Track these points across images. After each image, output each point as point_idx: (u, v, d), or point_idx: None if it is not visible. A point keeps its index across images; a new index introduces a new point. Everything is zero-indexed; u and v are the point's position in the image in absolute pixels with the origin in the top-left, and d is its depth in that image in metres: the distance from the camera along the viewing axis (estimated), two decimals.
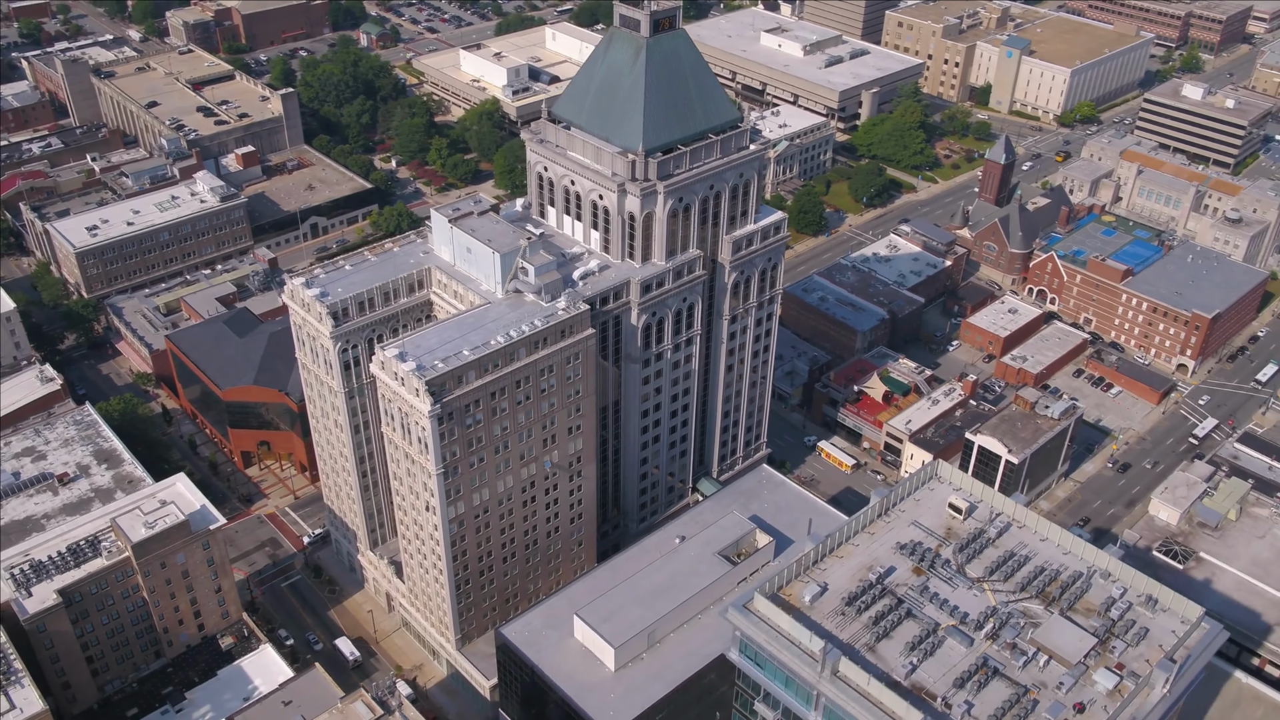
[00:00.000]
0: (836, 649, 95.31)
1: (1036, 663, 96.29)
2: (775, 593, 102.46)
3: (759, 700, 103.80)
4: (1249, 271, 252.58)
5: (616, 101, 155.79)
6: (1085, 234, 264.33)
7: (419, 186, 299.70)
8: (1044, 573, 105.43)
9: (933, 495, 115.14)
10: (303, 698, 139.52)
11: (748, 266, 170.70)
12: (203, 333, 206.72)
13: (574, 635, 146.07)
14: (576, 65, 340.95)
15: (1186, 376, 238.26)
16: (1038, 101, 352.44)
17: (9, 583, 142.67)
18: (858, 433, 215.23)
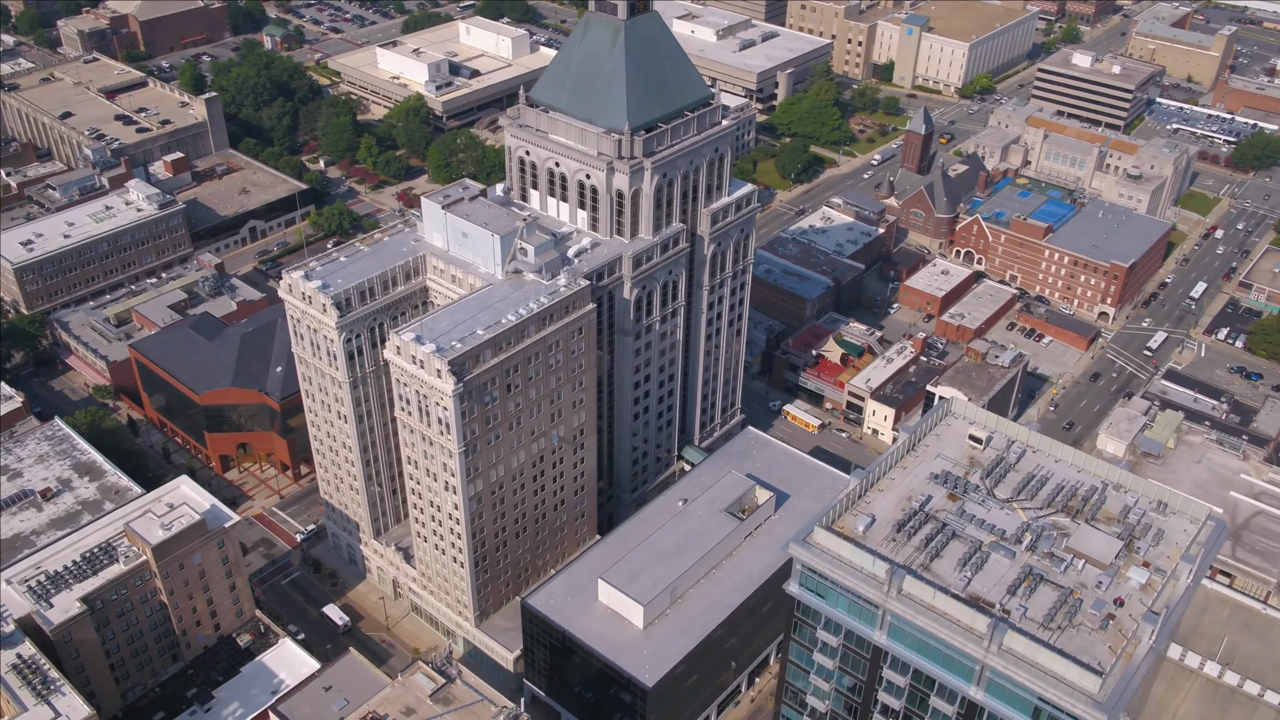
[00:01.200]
0: (901, 569, 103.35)
1: (1074, 567, 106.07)
2: (830, 526, 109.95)
3: (820, 629, 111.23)
4: (1154, 223, 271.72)
5: (598, 83, 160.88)
6: (1003, 197, 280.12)
7: (352, 185, 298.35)
8: (1064, 489, 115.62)
9: (950, 430, 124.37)
10: (342, 681, 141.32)
11: (724, 238, 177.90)
12: (169, 339, 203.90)
13: (599, 599, 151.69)
14: (493, 59, 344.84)
15: (1109, 323, 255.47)
16: (939, 75, 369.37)
17: (28, 595, 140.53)
18: (820, 395, 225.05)
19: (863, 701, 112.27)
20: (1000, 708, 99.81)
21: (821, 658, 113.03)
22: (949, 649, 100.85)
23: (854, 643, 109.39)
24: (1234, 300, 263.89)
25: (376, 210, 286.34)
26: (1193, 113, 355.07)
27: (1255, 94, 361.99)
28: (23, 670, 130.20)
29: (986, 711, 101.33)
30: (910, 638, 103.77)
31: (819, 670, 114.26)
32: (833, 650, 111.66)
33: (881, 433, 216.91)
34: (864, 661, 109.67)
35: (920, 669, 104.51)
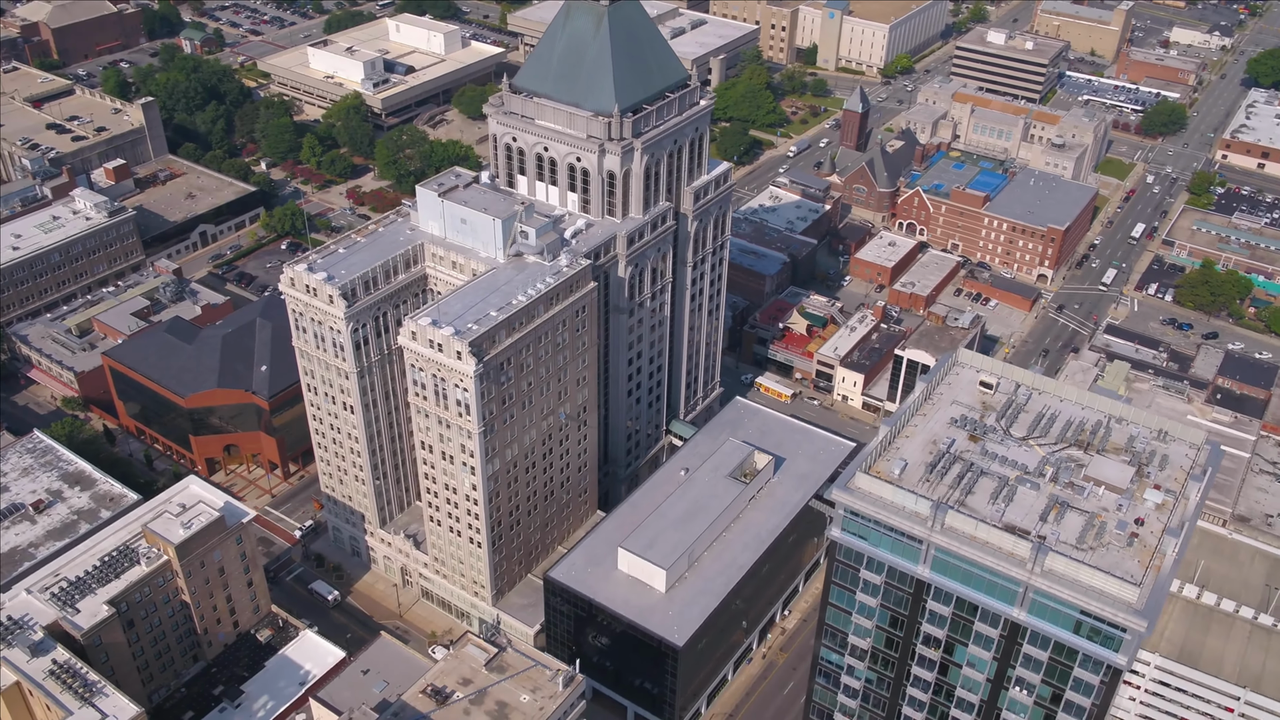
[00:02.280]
0: (943, 505, 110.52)
1: (1095, 494, 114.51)
2: (868, 471, 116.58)
3: (864, 569, 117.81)
4: (1082, 188, 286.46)
5: (583, 68, 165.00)
6: (939, 170, 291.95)
7: (297, 186, 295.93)
8: (1072, 425, 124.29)
9: (959, 378, 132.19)
10: (379, 664, 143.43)
11: (705, 215, 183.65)
12: (144, 345, 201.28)
13: (619, 568, 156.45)
14: (426, 55, 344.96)
15: (1048, 284, 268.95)
16: (861, 57, 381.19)
17: (52, 603, 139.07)
18: (789, 365, 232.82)
19: (904, 634, 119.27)
20: (1042, 625, 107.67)
21: (864, 597, 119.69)
22: (993, 575, 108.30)
23: (896, 579, 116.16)
24: (1159, 257, 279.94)
25: (327, 210, 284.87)
26: (1101, 84, 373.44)
27: (1155, 64, 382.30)
28: (60, 675, 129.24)
29: (1029, 630, 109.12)
30: (954, 569, 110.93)
31: (861, 609, 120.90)
32: (875, 588, 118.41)
33: (851, 398, 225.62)
34: (906, 596, 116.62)
35: (964, 597, 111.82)
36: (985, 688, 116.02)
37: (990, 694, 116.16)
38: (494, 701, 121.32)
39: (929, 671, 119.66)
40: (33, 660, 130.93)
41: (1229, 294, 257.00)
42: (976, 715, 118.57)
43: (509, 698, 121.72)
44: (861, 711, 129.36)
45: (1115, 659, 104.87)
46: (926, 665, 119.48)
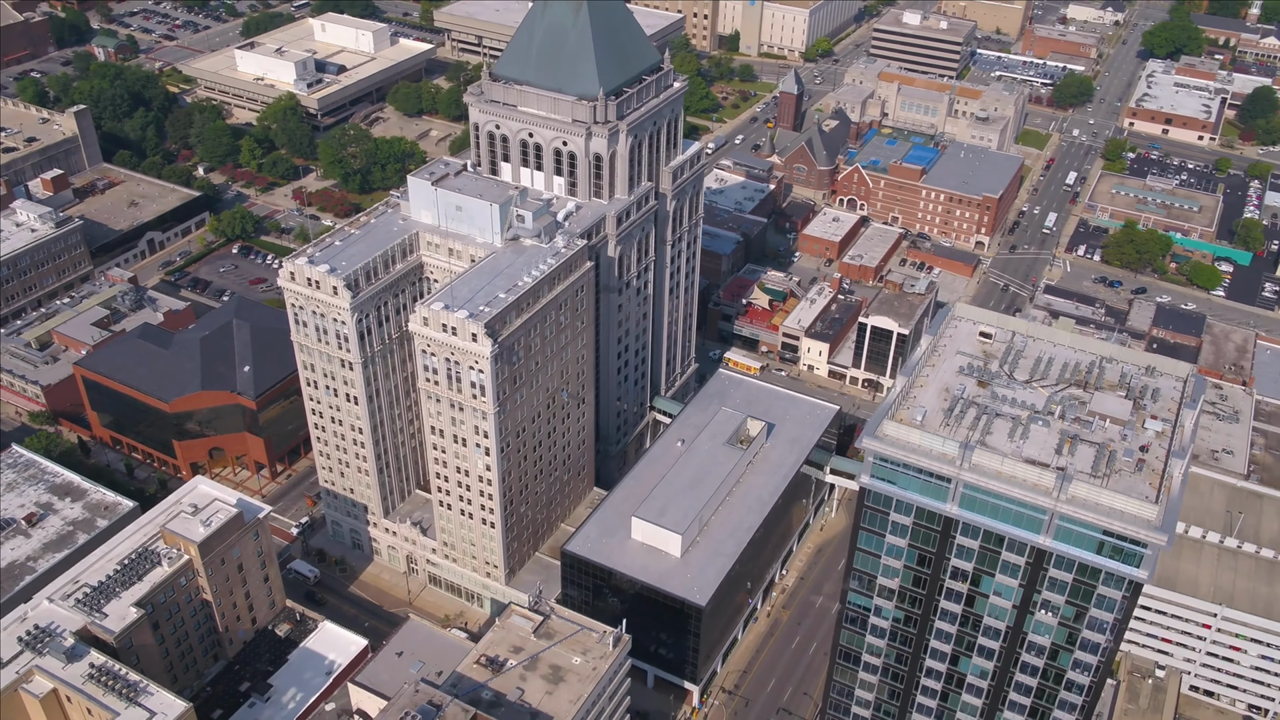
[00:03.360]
0: (969, 445, 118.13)
1: (1101, 426, 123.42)
2: (893, 419, 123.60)
3: (893, 512, 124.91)
4: (1009, 158, 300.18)
5: (565, 54, 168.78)
6: (873, 146, 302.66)
7: (239, 189, 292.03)
8: (1068, 366, 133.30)
9: (959, 330, 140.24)
10: (411, 646, 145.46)
11: (681, 194, 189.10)
12: (118, 353, 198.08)
13: (633, 536, 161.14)
14: (354, 54, 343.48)
15: (985, 251, 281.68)
16: (783, 42, 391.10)
17: (78, 609, 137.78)
18: (754, 340, 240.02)
19: (932, 572, 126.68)
20: (1067, 549, 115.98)
21: (893, 538, 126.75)
22: (1020, 506, 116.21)
23: (925, 519, 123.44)
24: (1084, 221, 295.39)
25: (274, 211, 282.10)
26: (1010, 60, 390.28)
27: (1058, 40, 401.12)
28: (99, 678, 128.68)
29: (1054, 555, 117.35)
30: (982, 504, 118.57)
31: (890, 550, 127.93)
32: (904, 529, 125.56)
33: (817, 367, 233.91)
34: (934, 534, 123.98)
35: (991, 530, 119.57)
36: (1011, 614, 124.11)
37: (1016, 620, 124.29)
38: (547, 666, 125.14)
39: (956, 604, 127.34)
40: (69, 666, 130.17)
41: (1152, 251, 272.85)
42: (1002, 641, 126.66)
43: (561, 661, 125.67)
44: (889, 650, 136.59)
45: (1137, 574, 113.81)
46: (954, 598, 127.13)
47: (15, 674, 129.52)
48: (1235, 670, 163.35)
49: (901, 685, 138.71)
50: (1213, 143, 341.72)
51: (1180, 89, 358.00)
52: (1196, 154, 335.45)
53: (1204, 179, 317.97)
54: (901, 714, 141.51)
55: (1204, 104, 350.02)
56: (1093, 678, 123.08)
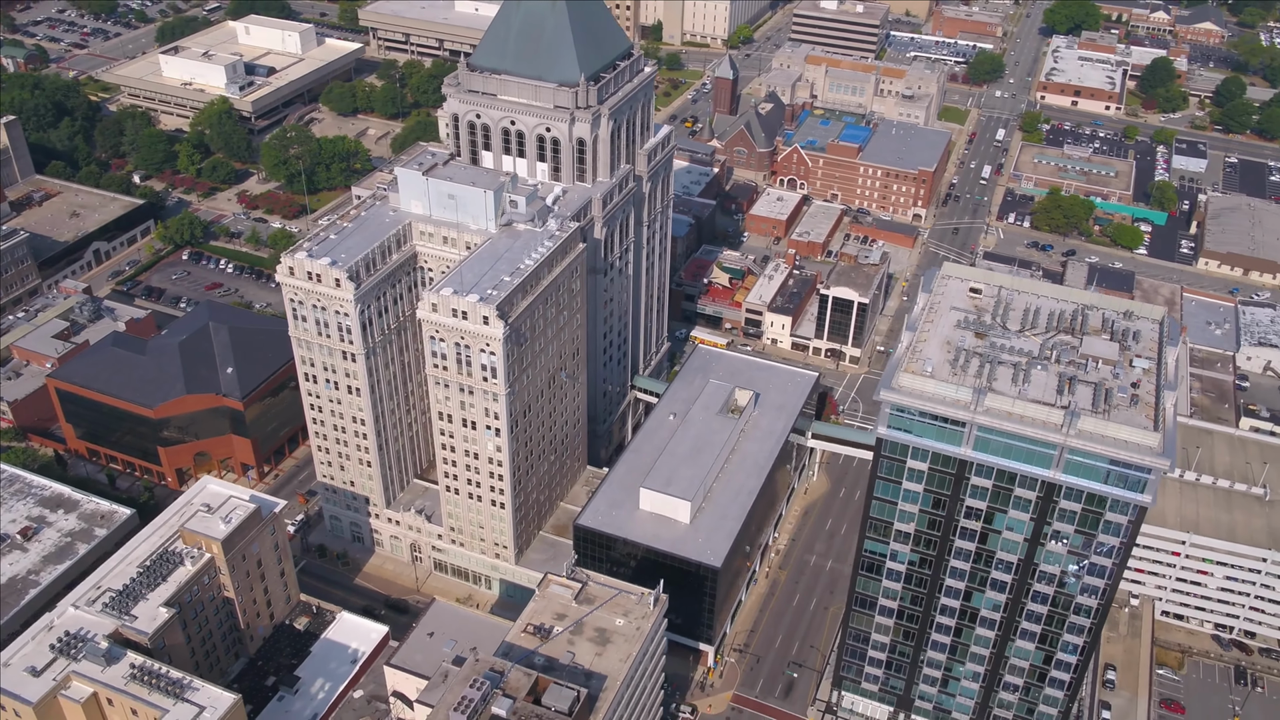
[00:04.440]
0: (981, 390, 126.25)
1: (1094, 368, 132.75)
2: (905, 371, 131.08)
3: (910, 459, 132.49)
4: (938, 133, 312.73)
5: (543, 43, 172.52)
6: (808, 127, 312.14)
7: (180, 196, 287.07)
8: (1054, 315, 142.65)
9: (948, 288, 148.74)
10: (440, 626, 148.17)
11: (655, 177, 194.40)
12: (92, 363, 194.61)
13: (641, 506, 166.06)
14: (281, 55, 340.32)
15: (923, 223, 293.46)
16: (705, 30, 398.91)
17: (106, 613, 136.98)
18: (718, 317, 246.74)
19: (946, 513, 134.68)
20: (1076, 481, 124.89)
21: (910, 484, 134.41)
22: (1031, 443, 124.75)
23: (939, 463, 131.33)
24: (1010, 190, 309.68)
25: (219, 216, 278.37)
26: (923, 41, 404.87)
27: (966, 20, 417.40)
28: (142, 677, 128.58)
29: (1063, 487, 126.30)
30: (995, 444, 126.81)
31: (906, 496, 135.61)
32: (919, 475, 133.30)
33: (780, 340, 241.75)
34: (949, 477, 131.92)
35: (1004, 469, 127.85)
36: (1022, 547, 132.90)
37: (1027, 553, 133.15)
38: (592, 629, 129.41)
39: (970, 542, 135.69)
40: (108, 669, 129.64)
41: (1077, 215, 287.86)
42: (1014, 573, 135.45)
43: (605, 624, 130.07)
44: (904, 593, 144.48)
45: (1141, 499, 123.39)
46: (968, 537, 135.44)
47: (52, 681, 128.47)
48: (1202, 593, 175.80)
49: (916, 625, 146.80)
50: (1118, 112, 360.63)
51: (1085, 63, 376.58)
52: (1105, 123, 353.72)
53: (1115, 146, 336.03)
54: (916, 654, 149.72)
55: (1108, 76, 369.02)
56: (1100, 600, 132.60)
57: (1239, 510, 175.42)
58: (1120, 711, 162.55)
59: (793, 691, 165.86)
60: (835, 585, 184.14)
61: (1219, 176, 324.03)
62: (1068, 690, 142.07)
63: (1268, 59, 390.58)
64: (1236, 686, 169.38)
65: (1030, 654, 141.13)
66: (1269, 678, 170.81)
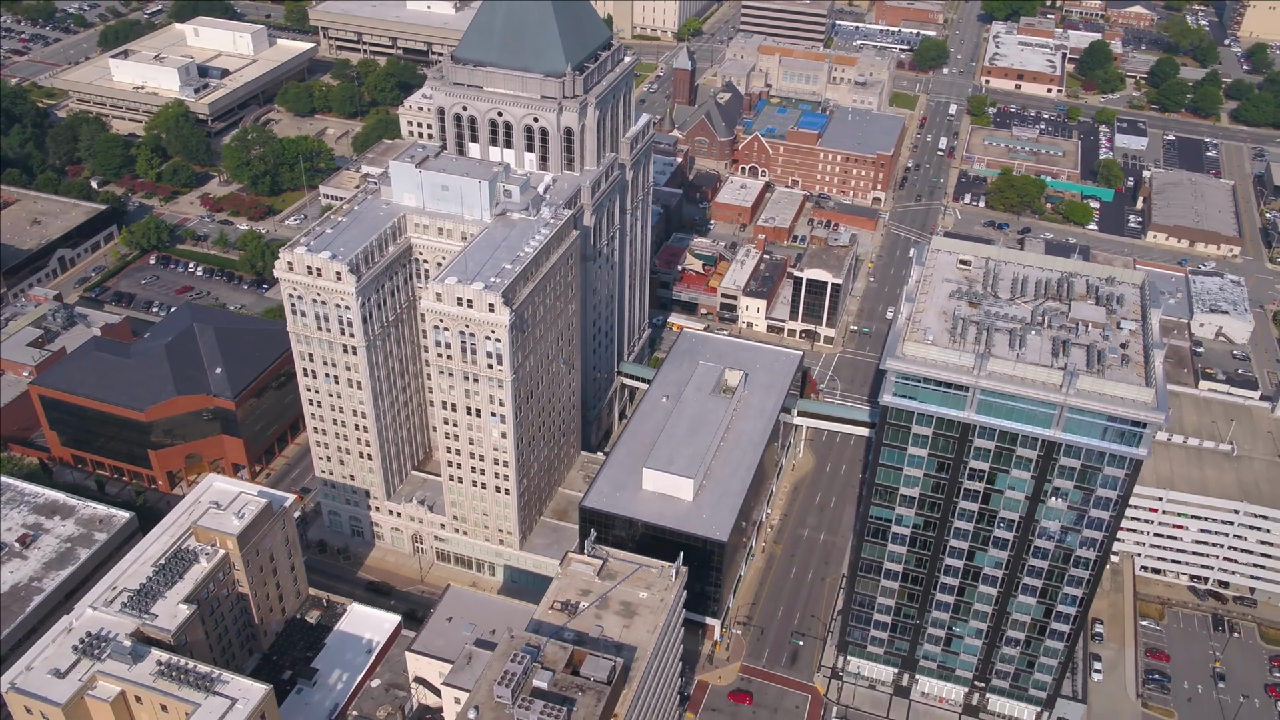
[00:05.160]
0: (983, 355, 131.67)
1: (1084, 331, 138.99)
2: (908, 341, 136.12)
3: (914, 425, 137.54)
4: (892, 118, 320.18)
5: (528, 35, 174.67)
6: (766, 116, 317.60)
7: (140, 201, 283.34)
8: (1041, 283, 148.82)
9: (939, 261, 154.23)
10: (457, 611, 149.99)
11: (637, 165, 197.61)
12: (76, 369, 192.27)
13: (644, 486, 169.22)
14: (233, 57, 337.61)
15: (882, 206, 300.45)
16: (655, 24, 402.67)
17: (125, 613, 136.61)
18: (693, 303, 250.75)
19: (950, 476, 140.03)
20: (1075, 438, 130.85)
21: (915, 449, 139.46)
22: (1032, 404, 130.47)
23: (943, 428, 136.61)
24: (964, 172, 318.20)
25: (183, 220, 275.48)
26: (868, 29, 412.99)
27: (908, 8, 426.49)
28: (170, 673, 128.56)
29: (1063, 445, 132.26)
30: (997, 407, 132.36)
31: (911, 461, 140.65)
32: (924, 440, 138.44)
33: (756, 324, 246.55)
34: (952, 441, 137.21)
35: (1005, 429, 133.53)
36: (1024, 505, 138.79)
37: (1028, 510, 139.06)
38: (618, 603, 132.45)
39: (973, 503, 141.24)
40: (134, 667, 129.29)
41: (1029, 194, 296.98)
42: (1015, 531, 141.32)
43: (629, 597, 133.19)
44: (909, 556, 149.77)
45: (1137, 452, 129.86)
46: (971, 498, 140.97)
47: (78, 682, 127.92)
48: (1179, 547, 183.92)
49: (920, 588, 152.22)
50: (1060, 94, 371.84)
51: (1025, 47, 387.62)
52: (1048, 105, 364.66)
53: (1059, 127, 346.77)
54: (920, 615, 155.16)
55: (1048, 59, 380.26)
56: (1098, 552, 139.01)
57: (1209, 467, 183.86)
58: (1110, 662, 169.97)
59: (798, 659, 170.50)
60: (829, 556, 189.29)
61: (1159, 154, 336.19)
62: (1067, 641, 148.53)
63: (1196, 40, 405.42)
64: (1215, 633, 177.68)
65: (1031, 608, 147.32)
66: (1244, 624, 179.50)
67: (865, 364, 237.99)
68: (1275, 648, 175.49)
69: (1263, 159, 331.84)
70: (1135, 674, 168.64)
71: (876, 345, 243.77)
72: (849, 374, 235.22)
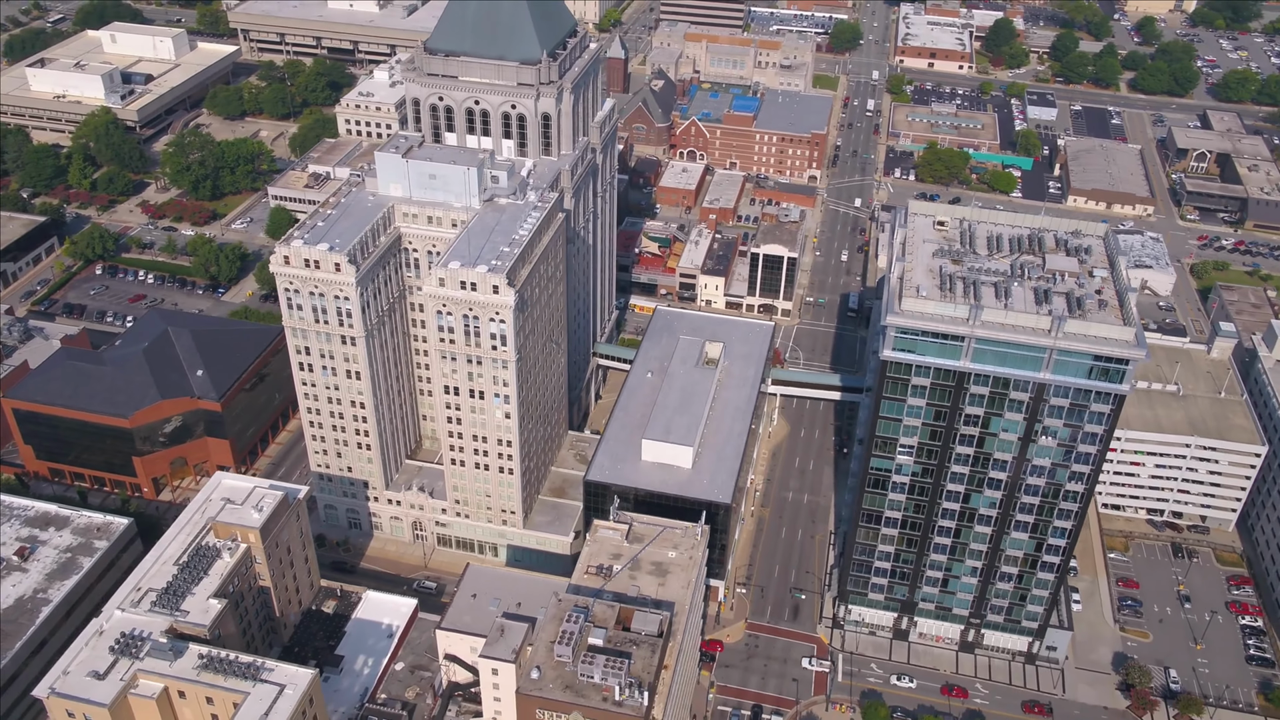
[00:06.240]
0: (975, 306, 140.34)
1: (1061, 280, 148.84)
2: (904, 298, 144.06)
3: (914, 375, 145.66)
4: (821, 99, 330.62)
5: (501, 24, 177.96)
6: (700, 101, 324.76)
7: (77, 211, 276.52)
8: (1013, 239, 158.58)
9: (918, 223, 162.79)
10: (480, 588, 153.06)
11: (605, 148, 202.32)
12: (50, 380, 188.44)
13: (644, 457, 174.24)
14: (154, 62, 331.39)
15: (819, 183, 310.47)
16: (578, 15, 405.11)
17: (155, 612, 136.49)
18: (652, 284, 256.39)
19: (946, 423, 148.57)
20: (1064, 379, 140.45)
21: (914, 400, 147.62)
22: (1023, 349, 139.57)
23: (940, 377, 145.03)
24: (891, 147, 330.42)
25: (125, 228, 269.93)
26: (782, 14, 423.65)
27: None
28: (214, 666, 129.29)
29: (1052, 386, 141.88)
30: (990, 354, 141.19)
31: (910, 411, 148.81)
32: (922, 390, 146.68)
33: (715, 300, 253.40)
34: (949, 389, 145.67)
35: (999, 375, 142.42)
36: (1016, 446, 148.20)
37: (1020, 450, 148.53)
38: (649, 564, 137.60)
39: (969, 447, 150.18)
40: (176, 662, 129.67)
41: (955, 166, 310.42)
42: (1008, 471, 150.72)
43: (659, 558, 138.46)
44: (908, 503, 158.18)
45: (1120, 388, 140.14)
46: (966, 442, 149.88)
47: (120, 682, 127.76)
48: (1136, 483, 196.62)
49: (919, 533, 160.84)
50: (970, 70, 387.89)
51: (934, 26, 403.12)
52: (961, 81, 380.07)
53: (974, 102, 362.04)
54: (919, 560, 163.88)
55: (957, 38, 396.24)
56: (1085, 485, 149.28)
57: (1159, 407, 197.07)
58: (1086, 592, 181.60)
59: (800, 613, 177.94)
60: (815, 515, 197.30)
61: (1069, 123, 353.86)
62: (1057, 572, 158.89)
63: (1089, 15, 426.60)
64: (1176, 560, 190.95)
65: (1024, 544, 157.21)
66: (1201, 549, 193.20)
67: (823, 333, 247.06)
68: (1230, 569, 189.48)
69: (1162, 124, 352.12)
70: (1110, 601, 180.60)
71: (832, 315, 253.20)
72: (809, 343, 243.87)
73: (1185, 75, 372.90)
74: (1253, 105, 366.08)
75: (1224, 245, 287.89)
